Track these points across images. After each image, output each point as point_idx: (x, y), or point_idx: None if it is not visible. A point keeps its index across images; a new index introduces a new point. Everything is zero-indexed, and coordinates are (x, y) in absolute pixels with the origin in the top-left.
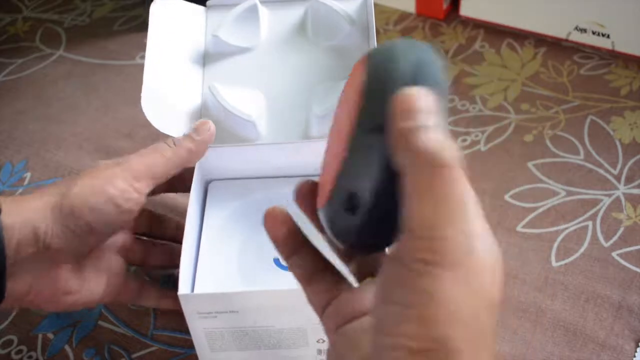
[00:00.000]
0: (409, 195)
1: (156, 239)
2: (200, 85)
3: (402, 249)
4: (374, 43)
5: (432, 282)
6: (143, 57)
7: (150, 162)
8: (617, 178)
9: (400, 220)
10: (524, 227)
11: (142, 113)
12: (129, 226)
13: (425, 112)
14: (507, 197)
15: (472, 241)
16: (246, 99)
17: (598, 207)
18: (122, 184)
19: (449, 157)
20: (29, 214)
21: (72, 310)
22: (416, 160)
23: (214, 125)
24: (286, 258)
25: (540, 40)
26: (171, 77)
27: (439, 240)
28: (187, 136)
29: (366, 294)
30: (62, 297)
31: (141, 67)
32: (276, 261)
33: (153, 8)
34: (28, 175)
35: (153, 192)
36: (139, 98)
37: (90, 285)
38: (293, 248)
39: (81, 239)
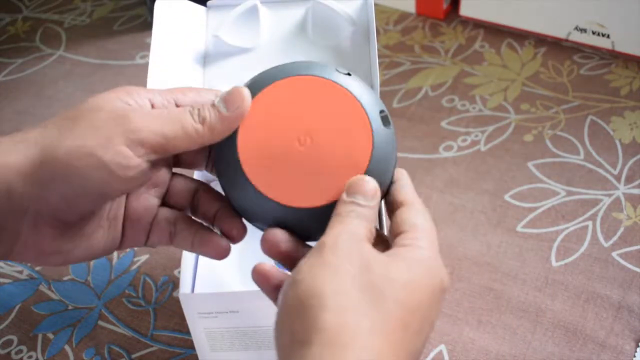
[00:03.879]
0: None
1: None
2: (200, 86)
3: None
4: (374, 43)
5: (320, 256)
6: (143, 57)
7: (164, 131)
8: (617, 178)
9: None
10: (524, 227)
11: None
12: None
13: (364, 194)
14: (507, 197)
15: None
16: None
17: (598, 207)
18: (120, 149)
19: (357, 212)
20: (3, 171)
21: (70, 264)
22: (341, 206)
23: (247, 95)
24: None
25: (540, 40)
26: (173, 77)
27: (333, 236)
28: (214, 109)
29: None
30: (50, 257)
31: (141, 67)
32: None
33: (157, 6)
34: None
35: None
36: None
37: (90, 241)
38: None
39: (68, 204)
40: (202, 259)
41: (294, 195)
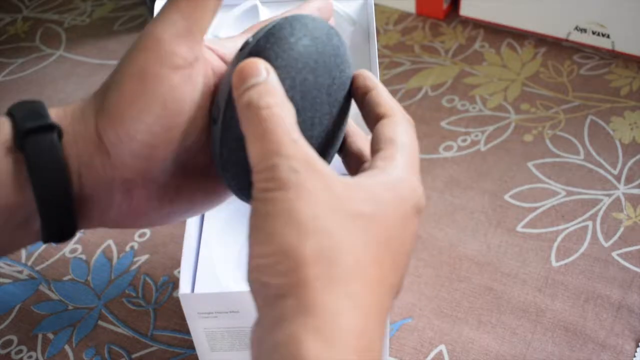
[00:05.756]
0: (246, 140)
1: None
2: None
3: (254, 187)
4: (374, 43)
5: (272, 205)
6: None
7: (193, 14)
8: (617, 178)
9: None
10: (524, 227)
11: None
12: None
13: (251, 76)
14: (507, 197)
15: (292, 162)
16: None
17: (598, 207)
18: (160, 69)
19: (262, 102)
20: (81, 145)
21: (171, 223)
22: (241, 111)
23: None
24: None
25: (540, 40)
26: None
27: (269, 169)
28: None
29: None
30: (148, 220)
31: None
32: None
33: (157, 6)
34: None
35: None
36: None
37: (191, 200)
38: None
39: (148, 161)
40: (202, 259)
41: None
